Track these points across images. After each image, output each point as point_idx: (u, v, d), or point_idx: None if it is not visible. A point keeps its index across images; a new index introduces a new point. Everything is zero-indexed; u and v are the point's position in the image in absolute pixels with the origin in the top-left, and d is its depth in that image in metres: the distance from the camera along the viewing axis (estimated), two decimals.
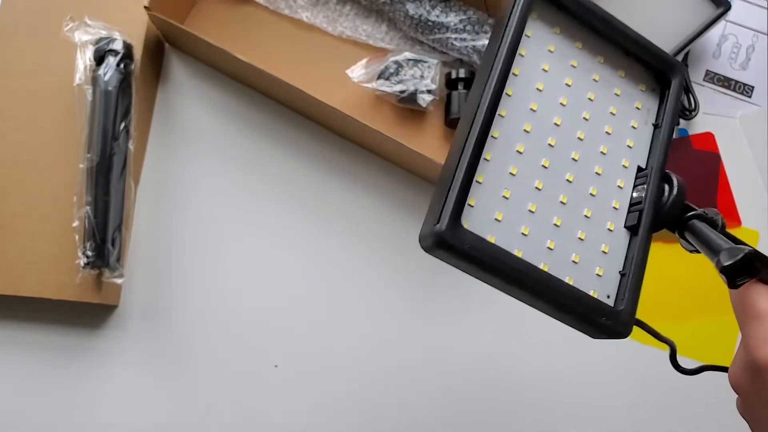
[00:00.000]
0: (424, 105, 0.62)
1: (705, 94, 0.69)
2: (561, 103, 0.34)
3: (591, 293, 0.31)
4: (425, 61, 0.64)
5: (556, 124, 0.34)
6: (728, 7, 0.66)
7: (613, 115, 0.35)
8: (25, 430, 0.59)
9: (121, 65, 0.59)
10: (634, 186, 0.34)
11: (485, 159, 0.31)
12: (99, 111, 0.58)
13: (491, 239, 0.30)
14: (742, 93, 0.70)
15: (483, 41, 0.64)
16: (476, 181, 0.31)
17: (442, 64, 0.65)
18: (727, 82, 0.70)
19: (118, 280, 0.58)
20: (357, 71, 0.63)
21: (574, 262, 0.32)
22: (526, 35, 0.34)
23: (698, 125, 0.69)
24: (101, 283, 0.58)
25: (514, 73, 0.33)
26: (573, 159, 0.33)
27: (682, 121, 0.68)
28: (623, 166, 0.34)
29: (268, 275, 0.63)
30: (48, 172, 0.60)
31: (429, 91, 0.63)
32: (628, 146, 0.35)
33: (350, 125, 0.60)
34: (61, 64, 0.60)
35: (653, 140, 0.35)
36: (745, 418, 0.36)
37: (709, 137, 0.69)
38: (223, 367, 0.61)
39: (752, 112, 0.70)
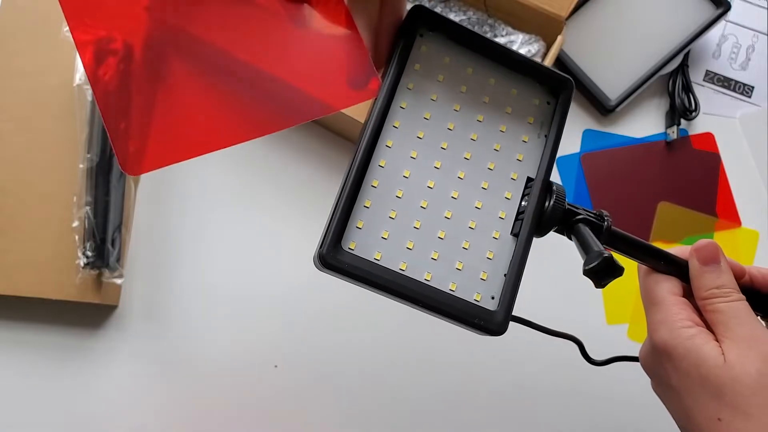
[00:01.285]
0: None
1: (705, 94, 0.69)
2: (448, 128, 0.37)
3: (474, 296, 0.35)
4: None
5: (442, 148, 0.37)
6: (728, 7, 0.66)
7: (503, 132, 0.38)
8: (25, 430, 0.59)
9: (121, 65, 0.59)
10: (523, 196, 0.37)
11: (372, 186, 0.35)
12: (99, 111, 0.58)
13: (377, 256, 0.34)
14: (742, 93, 0.70)
15: None
16: (364, 206, 0.35)
17: None
18: (727, 82, 0.70)
19: (118, 281, 0.58)
20: None
21: (457, 269, 0.35)
22: (414, 69, 0.37)
23: (698, 125, 0.69)
24: (101, 284, 0.58)
25: (401, 107, 0.36)
26: (459, 177, 0.37)
27: (682, 121, 0.68)
28: (512, 178, 0.37)
29: (268, 275, 0.63)
30: (48, 172, 0.60)
31: None
32: (518, 160, 0.38)
33: (351, 125, 0.60)
34: (61, 64, 0.60)
35: (543, 151, 0.38)
36: (657, 396, 0.39)
37: (709, 137, 0.69)
38: (222, 367, 0.61)
39: (752, 112, 0.70)
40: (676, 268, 0.39)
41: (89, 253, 0.56)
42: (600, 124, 0.68)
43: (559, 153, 0.67)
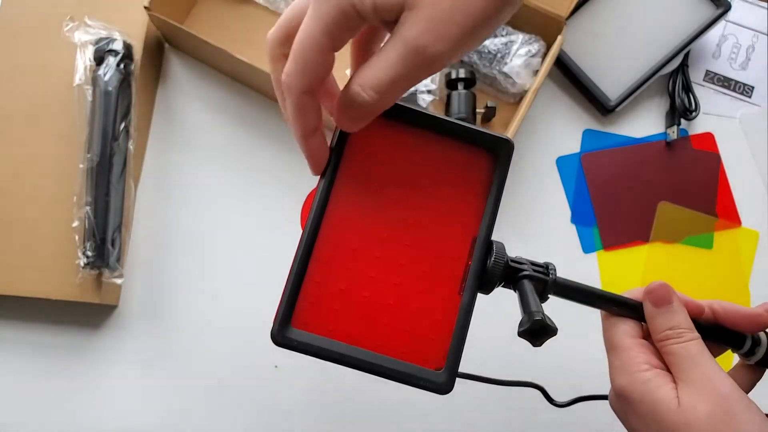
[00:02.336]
0: (424, 105, 0.62)
1: (705, 95, 0.69)
2: (394, 197, 0.38)
3: (421, 358, 0.37)
4: None
5: (388, 218, 0.38)
6: (728, 7, 0.66)
7: (447, 195, 0.39)
8: (26, 429, 0.59)
9: (121, 65, 0.59)
10: (469, 256, 0.38)
11: (323, 262, 0.37)
12: (99, 111, 0.58)
13: (327, 329, 0.37)
14: (742, 93, 0.70)
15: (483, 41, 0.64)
16: (315, 282, 0.37)
17: None
18: (727, 82, 0.70)
19: (118, 280, 0.58)
20: None
21: (406, 332, 0.37)
22: (354, 146, 0.38)
23: (698, 125, 0.69)
24: (101, 283, 0.58)
25: (345, 182, 0.38)
26: (406, 244, 0.38)
27: (682, 121, 0.68)
28: (457, 240, 0.38)
29: (268, 275, 0.63)
30: (48, 173, 0.60)
31: (429, 91, 0.63)
32: (463, 221, 0.39)
33: None
34: (61, 64, 0.60)
35: (485, 211, 0.39)
36: None
37: (709, 137, 0.69)
38: (223, 367, 0.61)
39: (752, 112, 0.70)
40: (633, 311, 0.40)
41: (89, 253, 0.56)
42: (600, 124, 0.68)
43: (559, 153, 0.68)
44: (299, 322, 0.37)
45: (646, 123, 0.69)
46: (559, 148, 0.68)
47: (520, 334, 0.35)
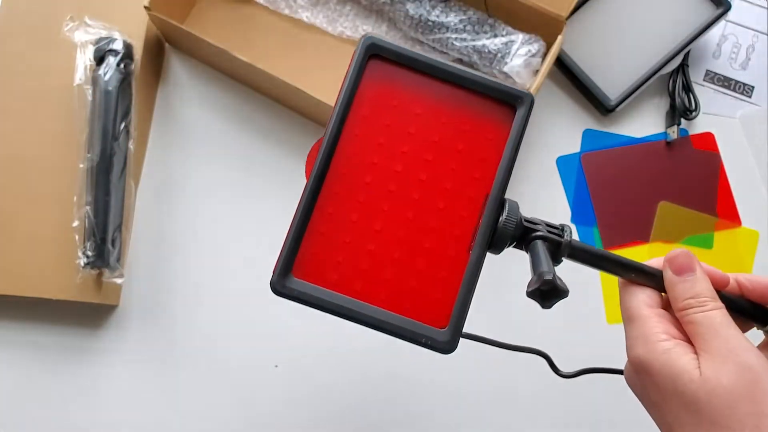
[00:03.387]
0: None
1: (705, 94, 0.69)
2: (403, 151, 0.37)
3: (425, 316, 0.36)
4: None
5: (397, 171, 0.37)
6: (728, 7, 0.66)
7: (459, 151, 0.38)
8: (26, 429, 0.59)
9: (121, 65, 0.59)
10: (480, 214, 0.37)
11: (327, 213, 0.36)
12: (99, 111, 0.58)
13: (330, 281, 0.36)
14: (742, 93, 0.70)
15: (483, 41, 0.64)
16: (319, 233, 0.36)
17: None
18: (727, 82, 0.70)
19: (118, 280, 0.58)
20: None
21: (411, 289, 0.36)
22: (366, 94, 0.37)
23: (698, 125, 0.69)
24: (101, 283, 0.58)
25: (355, 134, 0.37)
26: (414, 199, 0.37)
27: (682, 121, 0.68)
28: (468, 197, 0.37)
29: (268, 275, 0.63)
30: (48, 172, 0.60)
31: None
32: (475, 178, 0.37)
33: None
34: (61, 64, 0.60)
35: (499, 169, 0.38)
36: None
37: (709, 137, 0.69)
38: (223, 367, 0.61)
39: (752, 112, 0.70)
40: (652, 279, 0.38)
41: (89, 253, 0.56)
42: (600, 124, 0.68)
43: (559, 153, 0.68)
44: (300, 273, 0.36)
45: (646, 123, 0.69)
46: (559, 148, 0.68)
47: (529, 294, 0.34)
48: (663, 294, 0.38)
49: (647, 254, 0.65)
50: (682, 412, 0.34)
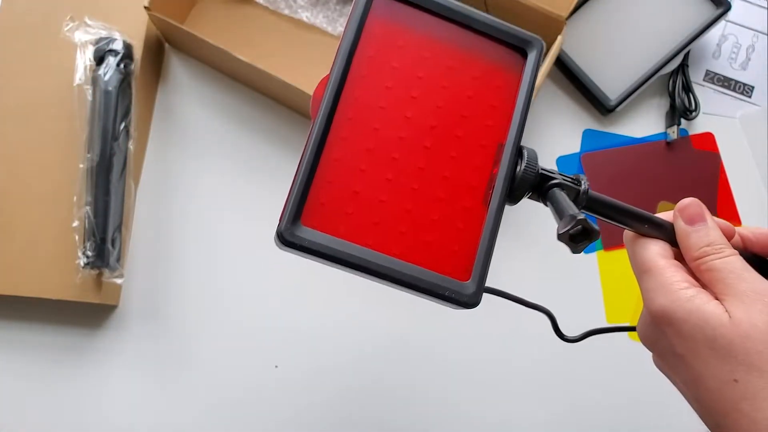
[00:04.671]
0: None
1: (705, 94, 0.69)
2: (413, 96, 0.35)
3: (445, 269, 0.34)
4: None
5: (407, 117, 0.35)
6: (728, 7, 0.66)
7: (470, 98, 0.36)
8: (25, 429, 0.59)
9: (121, 65, 0.59)
10: (494, 163, 0.35)
11: (335, 160, 0.34)
12: (99, 111, 0.58)
13: (341, 232, 0.33)
14: (742, 93, 0.70)
15: None
16: (327, 182, 0.33)
17: None
18: (727, 82, 0.70)
19: (118, 280, 0.58)
20: None
21: (427, 242, 0.34)
22: (373, 34, 0.35)
23: (698, 125, 0.69)
24: (101, 283, 0.58)
25: (361, 75, 0.35)
26: (425, 147, 0.35)
27: (682, 121, 0.68)
28: (481, 145, 0.35)
29: (268, 275, 0.63)
30: (48, 172, 0.60)
31: None
32: (487, 126, 0.36)
33: None
34: (61, 64, 0.60)
35: (514, 116, 0.36)
36: (661, 371, 0.37)
37: (709, 137, 0.69)
38: (223, 367, 0.61)
39: (752, 112, 0.70)
40: (663, 231, 0.37)
41: (89, 253, 0.56)
42: (600, 124, 0.68)
43: (559, 153, 0.68)
44: (309, 223, 0.33)
45: (646, 123, 0.69)
46: (559, 148, 0.68)
47: (560, 236, 0.32)
48: (674, 248, 0.37)
49: None
50: (714, 359, 0.32)
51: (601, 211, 0.37)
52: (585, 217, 0.32)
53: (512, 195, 0.35)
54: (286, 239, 0.32)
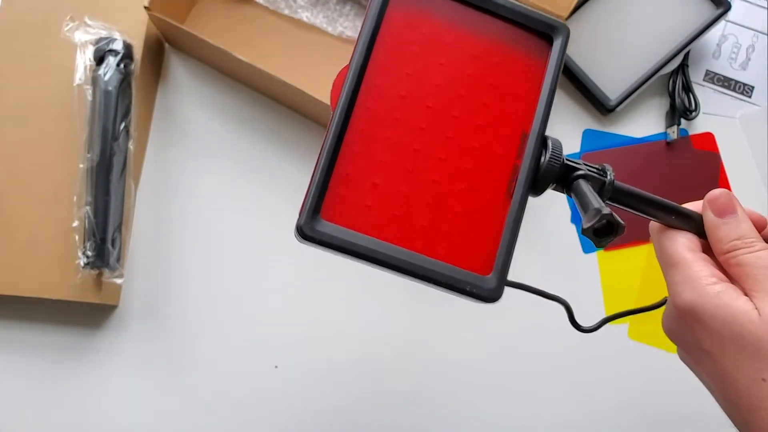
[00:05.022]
0: None
1: (705, 94, 0.69)
2: (434, 84, 0.34)
3: (466, 262, 0.33)
4: None
5: (428, 106, 0.34)
6: (728, 7, 0.66)
7: (493, 86, 0.35)
8: (25, 429, 0.59)
9: (121, 65, 0.59)
10: (518, 153, 0.35)
11: (354, 151, 0.33)
12: (99, 111, 0.58)
13: (361, 225, 0.32)
14: (742, 93, 0.70)
15: None
16: (345, 174, 0.33)
17: None
18: (727, 82, 0.70)
19: (118, 280, 0.58)
20: None
21: (448, 234, 0.33)
22: (393, 20, 0.34)
23: (698, 125, 0.69)
24: (101, 283, 0.58)
25: (382, 63, 0.34)
26: (447, 137, 0.34)
27: (682, 121, 0.68)
28: (504, 134, 0.35)
29: (268, 275, 0.63)
30: (48, 172, 0.60)
31: None
32: (510, 115, 0.35)
33: None
34: (61, 64, 0.60)
35: (538, 104, 0.35)
36: (686, 365, 0.37)
37: (709, 137, 0.69)
38: (223, 367, 0.61)
39: (752, 112, 0.70)
40: (691, 223, 0.36)
41: (89, 253, 0.56)
42: (600, 124, 0.68)
43: None
44: (329, 216, 0.32)
45: (646, 123, 0.69)
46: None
47: (584, 231, 0.32)
48: (702, 240, 0.37)
49: (647, 254, 0.65)
50: (742, 356, 0.31)
51: (627, 202, 0.37)
52: (610, 212, 0.31)
53: (536, 186, 0.35)
54: (306, 234, 0.32)
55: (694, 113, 0.68)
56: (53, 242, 0.58)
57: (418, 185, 0.33)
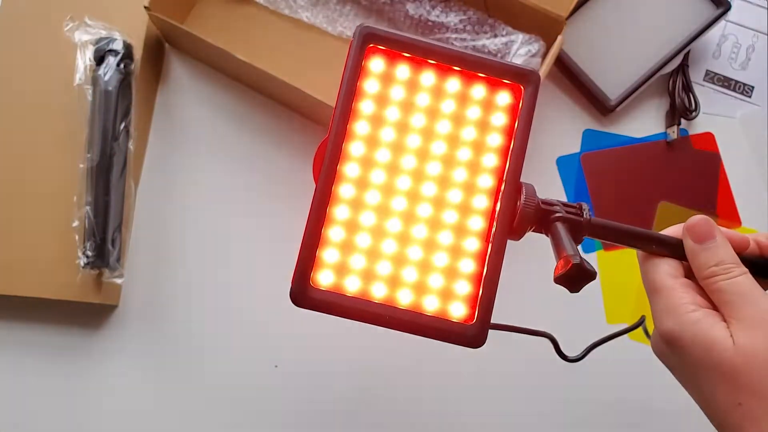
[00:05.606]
0: None
1: (705, 94, 0.69)
2: (408, 146, 0.36)
3: (451, 312, 0.35)
4: None
5: (406, 168, 0.36)
6: (728, 7, 0.66)
7: (468, 139, 0.36)
8: (25, 429, 0.59)
9: (121, 65, 0.59)
10: (496, 201, 0.36)
11: (337, 219, 0.35)
12: (99, 111, 0.58)
13: (350, 287, 0.35)
14: (742, 93, 0.70)
15: (483, 41, 0.64)
16: (331, 240, 0.35)
17: None
18: (727, 82, 0.70)
19: (118, 280, 0.58)
20: None
21: (434, 287, 0.35)
22: (366, 88, 0.36)
23: (698, 125, 0.69)
24: (101, 283, 0.58)
25: (356, 133, 0.36)
26: (426, 195, 0.36)
27: (682, 120, 0.68)
28: (482, 185, 0.36)
29: (268, 275, 0.63)
30: (48, 172, 0.60)
31: None
32: (486, 165, 0.36)
33: None
34: (61, 64, 0.60)
35: (511, 152, 0.36)
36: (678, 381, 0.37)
37: (709, 137, 0.69)
38: (223, 367, 0.61)
39: (752, 112, 0.70)
40: (672, 249, 0.37)
41: (89, 253, 0.56)
42: (600, 124, 0.68)
43: (559, 153, 0.67)
44: (318, 281, 0.35)
45: (646, 123, 0.69)
46: (559, 148, 0.68)
47: (557, 279, 0.33)
48: (684, 263, 0.37)
49: None
50: (719, 383, 0.33)
51: (607, 237, 0.38)
52: (579, 260, 0.32)
53: (514, 231, 0.36)
54: (299, 302, 0.34)
55: (694, 113, 0.67)
56: (53, 242, 0.58)
57: (402, 244, 0.36)
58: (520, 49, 0.63)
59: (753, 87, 0.70)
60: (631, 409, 0.62)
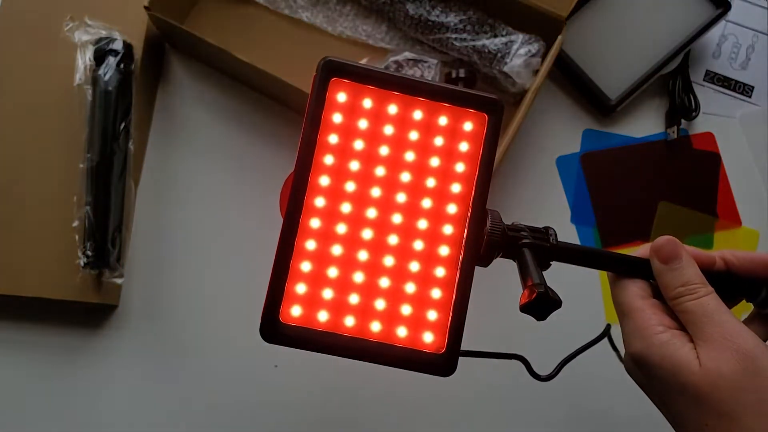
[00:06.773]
0: None
1: (705, 94, 0.69)
2: (377, 175, 0.36)
3: (421, 342, 0.35)
4: (425, 61, 0.64)
5: (374, 196, 0.36)
6: (728, 7, 0.66)
7: (435, 167, 0.36)
8: (25, 429, 0.59)
9: (121, 65, 0.59)
10: (463, 228, 0.36)
11: (307, 249, 0.35)
12: (99, 111, 0.58)
13: (319, 321, 0.35)
14: (742, 93, 0.70)
15: (483, 41, 0.64)
16: (301, 271, 0.35)
17: (442, 64, 0.65)
18: (727, 82, 0.70)
19: (118, 280, 0.58)
20: None
21: (403, 316, 0.35)
22: (331, 120, 0.36)
23: (698, 125, 0.69)
24: (101, 283, 0.58)
25: (324, 163, 0.36)
26: (394, 224, 0.36)
27: (682, 121, 0.68)
28: (449, 213, 0.36)
29: (268, 275, 0.63)
30: (48, 172, 0.60)
31: None
32: (454, 192, 0.36)
33: None
34: (61, 64, 0.60)
35: (477, 179, 0.36)
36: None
37: (709, 137, 0.69)
38: (223, 367, 0.61)
39: (752, 112, 0.70)
40: (641, 270, 0.38)
41: (89, 253, 0.56)
42: (600, 124, 0.68)
43: (559, 153, 0.68)
44: (288, 316, 0.35)
45: (646, 123, 0.69)
46: (559, 148, 0.68)
47: (523, 309, 0.33)
48: (652, 282, 0.38)
49: None
50: (687, 404, 0.33)
51: (575, 260, 0.38)
52: (544, 290, 0.33)
53: (482, 258, 0.36)
54: (268, 338, 0.35)
55: (694, 113, 0.68)
56: (53, 242, 0.58)
57: (372, 274, 0.36)
58: (520, 49, 0.63)
59: (753, 87, 0.70)
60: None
